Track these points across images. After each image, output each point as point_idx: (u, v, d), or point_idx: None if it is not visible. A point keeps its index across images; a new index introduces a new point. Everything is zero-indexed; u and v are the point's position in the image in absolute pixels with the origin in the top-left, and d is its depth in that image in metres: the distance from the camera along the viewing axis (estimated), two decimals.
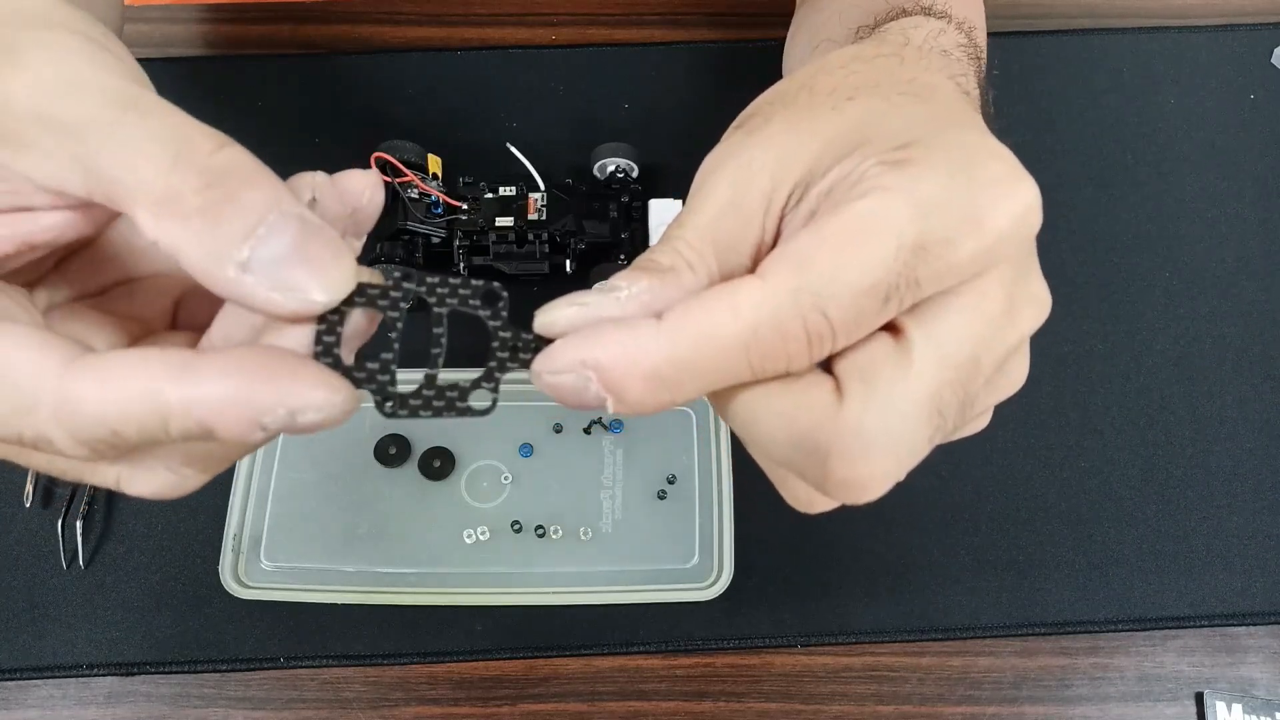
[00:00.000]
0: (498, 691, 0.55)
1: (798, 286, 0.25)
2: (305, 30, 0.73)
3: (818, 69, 0.32)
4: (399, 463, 0.59)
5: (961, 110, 0.29)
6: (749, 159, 0.28)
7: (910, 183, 0.25)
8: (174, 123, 0.24)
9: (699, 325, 0.25)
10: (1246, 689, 0.55)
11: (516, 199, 0.62)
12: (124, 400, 0.23)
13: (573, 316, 0.26)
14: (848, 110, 0.28)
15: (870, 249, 0.25)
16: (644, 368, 0.25)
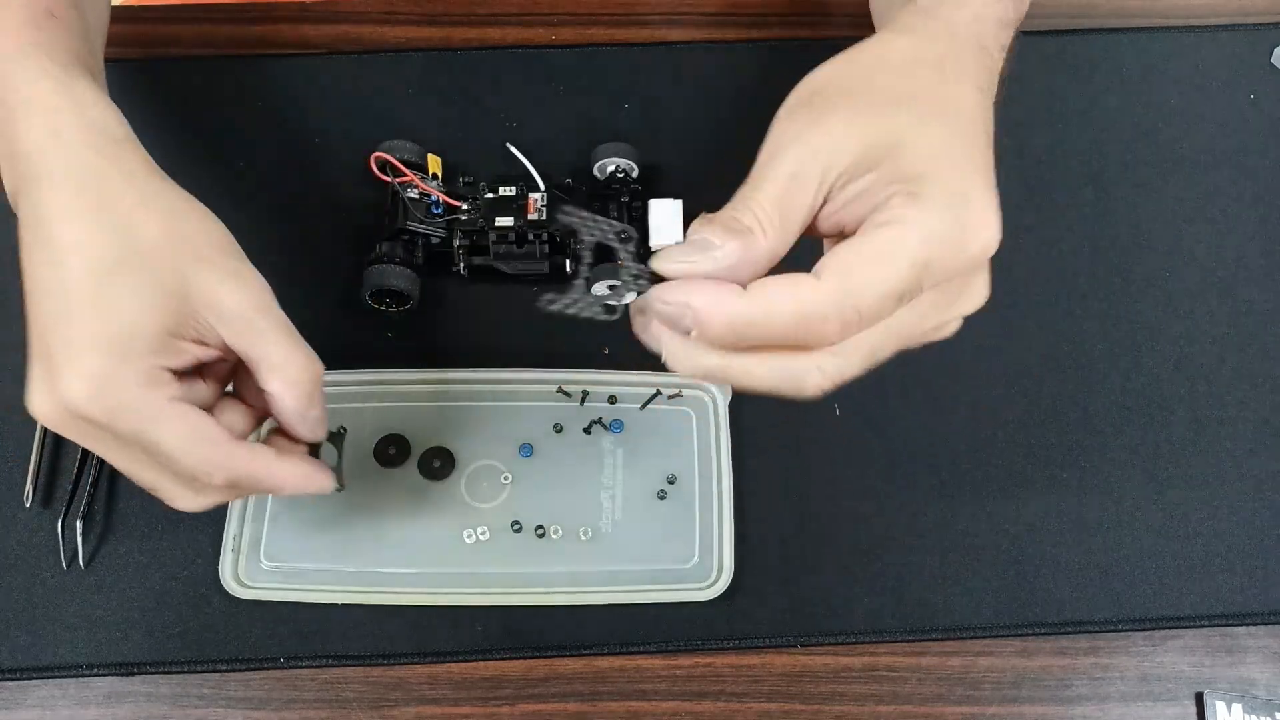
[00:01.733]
0: (498, 691, 0.55)
1: (841, 288, 0.35)
2: (305, 30, 0.73)
3: (880, 60, 0.41)
4: (399, 463, 0.59)
5: (973, 137, 0.40)
6: (814, 146, 0.38)
7: (921, 215, 0.36)
8: (296, 339, 0.45)
9: (771, 300, 0.35)
10: (1246, 689, 0.55)
11: (516, 199, 0.62)
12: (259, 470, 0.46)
13: (683, 268, 0.37)
14: (891, 121, 0.38)
15: (892, 268, 0.36)
16: (727, 316, 0.36)
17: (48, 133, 0.44)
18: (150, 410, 0.41)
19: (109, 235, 0.42)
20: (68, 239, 0.42)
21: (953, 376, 0.62)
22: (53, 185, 0.43)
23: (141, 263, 0.42)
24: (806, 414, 0.61)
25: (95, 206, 0.42)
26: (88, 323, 0.41)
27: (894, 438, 0.61)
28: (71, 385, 0.40)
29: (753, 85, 0.71)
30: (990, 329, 0.64)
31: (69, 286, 0.41)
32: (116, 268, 0.41)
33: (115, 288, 0.41)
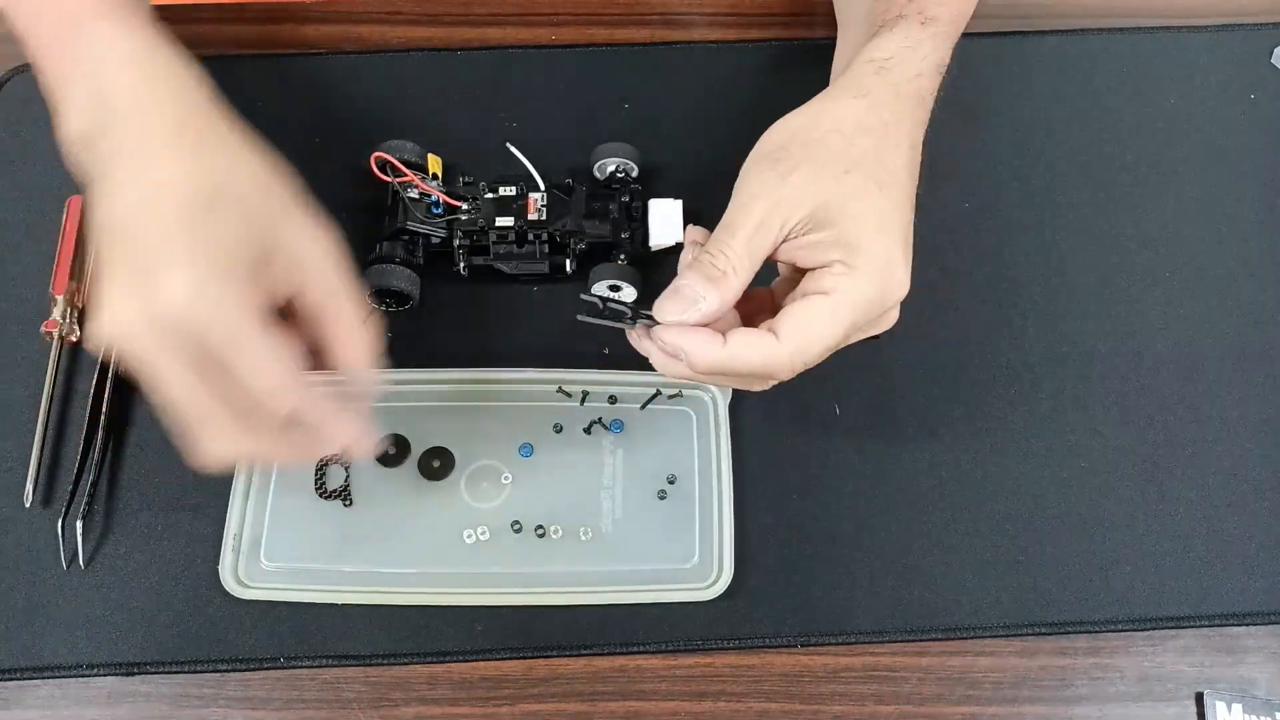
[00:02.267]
0: (498, 691, 0.55)
1: (793, 347, 0.47)
2: (305, 30, 0.73)
3: (836, 124, 0.50)
4: (399, 463, 0.59)
5: (901, 203, 0.49)
6: (777, 200, 0.48)
7: (854, 286, 0.47)
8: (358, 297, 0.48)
9: (741, 353, 0.47)
10: (1246, 689, 0.55)
11: (516, 199, 0.62)
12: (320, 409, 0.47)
13: (678, 319, 0.47)
14: (839, 187, 0.48)
15: (831, 330, 0.47)
16: (710, 360, 0.47)
17: (143, 79, 0.48)
18: (244, 324, 0.43)
19: (208, 173, 0.46)
20: (171, 171, 0.45)
21: (953, 376, 0.62)
22: (150, 125, 0.47)
23: (237, 201, 0.45)
24: (806, 414, 0.61)
25: (194, 147, 0.46)
26: (191, 242, 0.44)
27: (894, 438, 0.61)
28: (174, 289, 0.42)
29: (753, 85, 0.71)
30: (990, 329, 0.64)
31: (171, 213, 0.44)
32: (215, 201, 0.45)
33: (216, 217, 0.44)
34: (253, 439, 0.46)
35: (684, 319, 0.47)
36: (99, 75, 0.48)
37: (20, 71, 0.71)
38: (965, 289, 0.65)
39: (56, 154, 0.68)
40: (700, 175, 0.65)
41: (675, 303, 0.47)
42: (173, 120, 0.47)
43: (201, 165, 0.46)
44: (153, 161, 0.46)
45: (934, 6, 0.57)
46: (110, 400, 0.59)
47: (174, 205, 0.44)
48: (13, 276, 0.64)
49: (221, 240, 0.44)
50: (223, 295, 0.43)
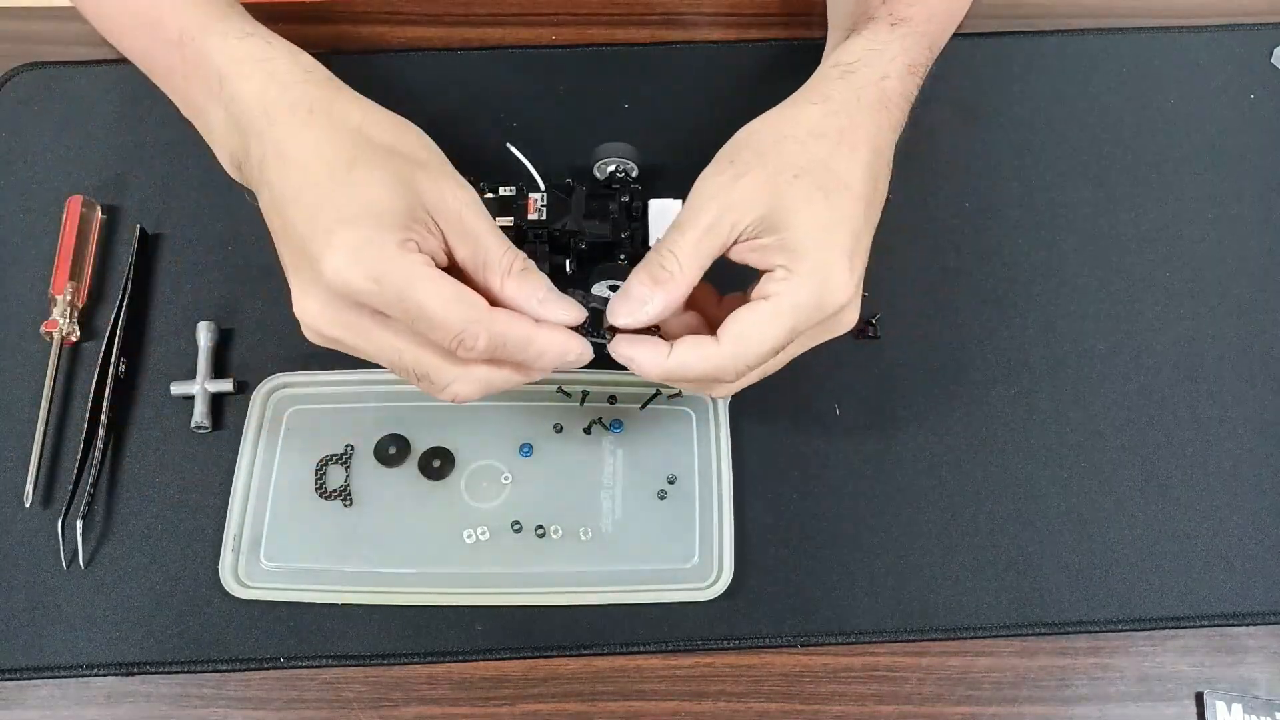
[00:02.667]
0: (498, 691, 0.55)
1: (733, 351, 0.48)
2: (305, 30, 0.73)
3: (793, 128, 0.51)
4: (399, 463, 0.59)
5: (849, 211, 0.49)
6: (729, 202, 0.49)
7: (792, 291, 0.48)
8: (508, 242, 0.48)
9: (685, 360, 0.48)
10: (1246, 689, 0.55)
11: (516, 199, 0.62)
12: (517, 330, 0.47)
13: (627, 322, 0.49)
14: (788, 193, 0.49)
15: (769, 333, 0.48)
16: (658, 369, 0.49)
17: (266, 77, 0.50)
18: (411, 271, 0.44)
19: (345, 139, 0.47)
20: (308, 148, 0.47)
21: (953, 376, 0.62)
22: (281, 118, 0.48)
23: (377, 159, 0.47)
24: (806, 414, 0.61)
25: (328, 121, 0.48)
26: (339, 207, 0.45)
27: (894, 438, 0.61)
28: (334, 261, 0.44)
29: (753, 85, 0.71)
30: (991, 329, 0.64)
31: (315, 185, 0.46)
32: (356, 162, 0.46)
33: (358, 175, 0.46)
34: (474, 374, 0.48)
35: (633, 321, 0.48)
36: (231, 92, 0.50)
37: (20, 71, 0.71)
38: (965, 289, 0.65)
39: (56, 154, 0.68)
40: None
41: (624, 304, 0.48)
42: (305, 104, 0.49)
43: (338, 131, 0.47)
44: (294, 143, 0.47)
45: (905, 7, 0.57)
46: (110, 400, 0.59)
47: (319, 174, 0.46)
48: (13, 276, 0.64)
49: (371, 192, 0.45)
50: (383, 248, 0.44)
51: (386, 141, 0.48)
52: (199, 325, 0.62)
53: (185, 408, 0.60)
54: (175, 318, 0.63)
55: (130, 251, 0.64)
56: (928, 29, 0.58)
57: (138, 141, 0.68)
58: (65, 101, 0.70)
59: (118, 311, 0.62)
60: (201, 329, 0.62)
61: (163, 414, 0.61)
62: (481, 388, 0.49)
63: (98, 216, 0.65)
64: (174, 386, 0.61)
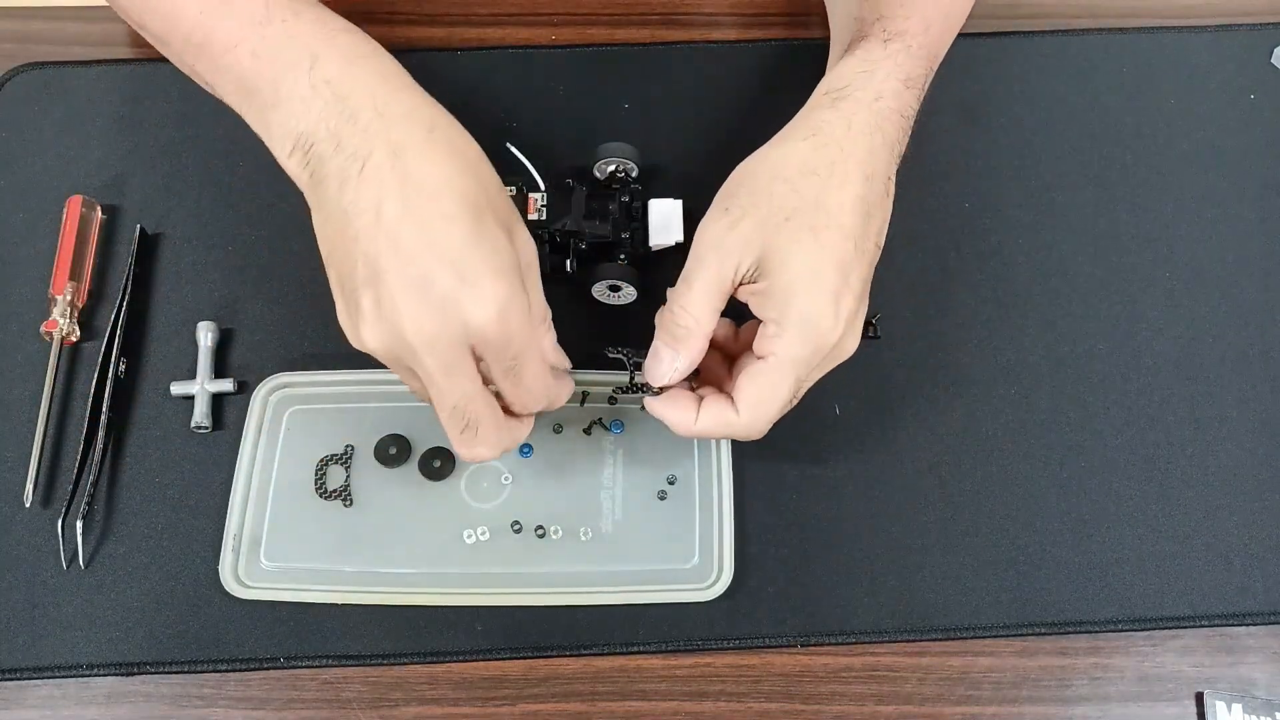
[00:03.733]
0: (498, 691, 0.55)
1: (750, 416, 0.51)
2: None
3: (782, 166, 0.52)
4: (399, 463, 0.59)
5: (838, 250, 0.50)
6: (728, 249, 0.50)
7: (787, 349, 0.50)
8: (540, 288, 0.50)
9: (709, 426, 0.52)
10: (1246, 689, 0.55)
11: (516, 199, 0.62)
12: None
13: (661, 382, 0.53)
14: (778, 237, 0.50)
15: (780, 395, 0.51)
16: (685, 429, 0.53)
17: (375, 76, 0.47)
18: (532, 338, 0.47)
19: (470, 177, 0.46)
20: (437, 178, 0.45)
21: (953, 376, 0.62)
22: (398, 124, 0.46)
23: (493, 205, 0.46)
24: (806, 414, 0.61)
25: (449, 149, 0.46)
26: (484, 255, 0.44)
27: (894, 438, 0.61)
28: (483, 309, 0.44)
29: (753, 85, 0.71)
30: (990, 329, 0.64)
31: (455, 224, 0.44)
32: (484, 208, 0.46)
33: (489, 222, 0.46)
34: (511, 434, 0.51)
35: (669, 381, 0.52)
36: (313, 77, 0.47)
37: (20, 71, 0.71)
38: (965, 289, 0.65)
39: (56, 154, 0.68)
40: (700, 175, 0.65)
41: (656, 368, 0.52)
42: (419, 123, 0.46)
43: (459, 165, 0.46)
44: (418, 165, 0.45)
45: (900, 20, 0.57)
46: (110, 400, 0.59)
47: (455, 215, 0.44)
48: (13, 276, 0.64)
49: (501, 249, 0.45)
50: (520, 309, 0.46)
51: (493, 186, 0.48)
52: (199, 325, 0.62)
53: (185, 408, 0.60)
54: (175, 318, 0.63)
55: (130, 251, 0.64)
56: (925, 40, 0.57)
57: (138, 141, 0.68)
58: (65, 101, 0.70)
59: (118, 311, 0.62)
60: (201, 329, 0.62)
61: (163, 414, 0.61)
62: (503, 449, 0.51)
63: (98, 216, 0.65)
64: (174, 386, 0.61)
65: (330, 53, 0.47)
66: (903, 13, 0.57)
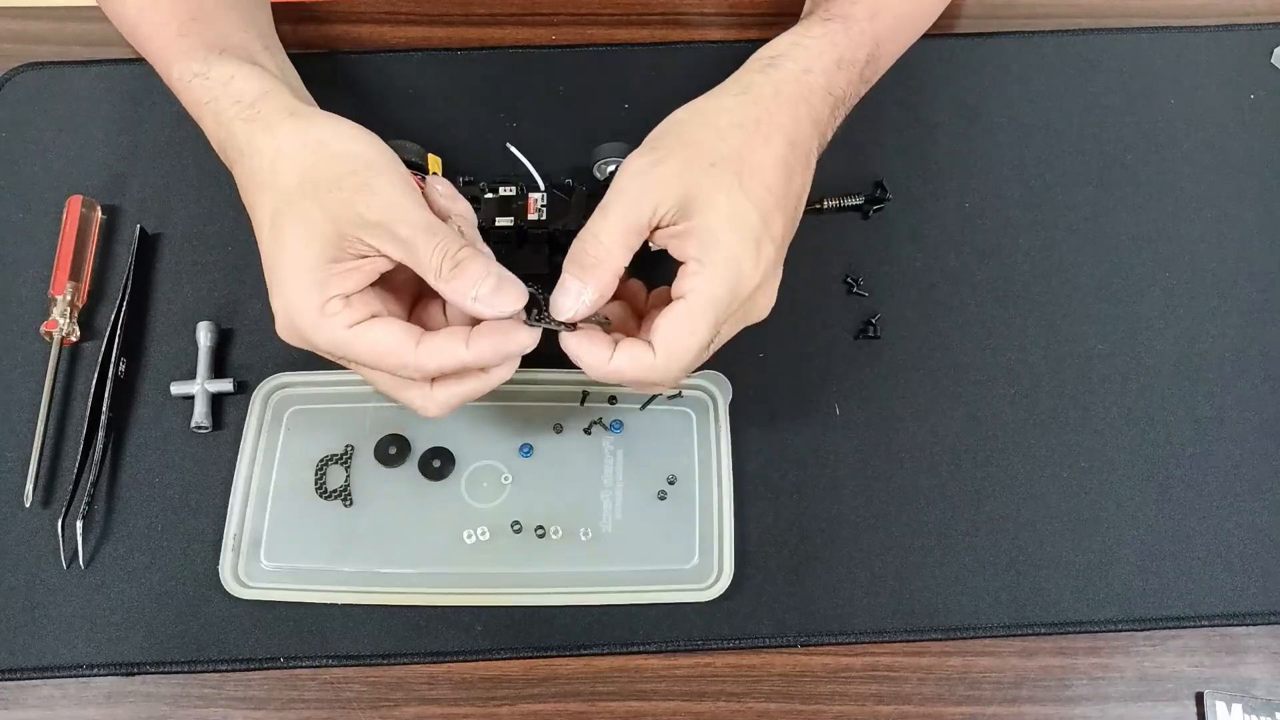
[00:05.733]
0: (498, 691, 0.55)
1: (666, 359, 0.49)
2: (305, 30, 0.73)
3: (715, 117, 0.53)
4: (399, 463, 0.59)
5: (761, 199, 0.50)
6: (648, 186, 0.50)
7: (706, 287, 0.49)
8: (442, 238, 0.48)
9: (624, 368, 0.50)
10: (1246, 689, 0.55)
11: (516, 199, 0.62)
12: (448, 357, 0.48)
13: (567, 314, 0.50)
14: (703, 181, 0.50)
15: (696, 335, 0.49)
16: (599, 371, 0.50)
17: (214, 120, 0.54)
18: (329, 335, 0.48)
19: (264, 192, 0.50)
20: (245, 194, 0.52)
21: (953, 376, 0.62)
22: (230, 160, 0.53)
23: (289, 209, 0.49)
24: (806, 414, 0.61)
25: (250, 170, 0.51)
26: (270, 269, 0.49)
27: (894, 438, 0.61)
28: (276, 321, 0.50)
29: None
30: (991, 329, 0.64)
31: (256, 228, 0.51)
32: (276, 218, 0.49)
33: (279, 236, 0.49)
34: (438, 395, 0.50)
35: (574, 313, 0.50)
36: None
37: (20, 71, 0.71)
38: (965, 289, 0.65)
39: (56, 154, 0.68)
40: None
41: (563, 298, 0.50)
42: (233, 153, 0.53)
43: (259, 186, 0.51)
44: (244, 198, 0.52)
45: (845, 5, 0.58)
46: (110, 400, 0.59)
47: (255, 222, 0.51)
48: (13, 276, 0.64)
49: (290, 253, 0.48)
50: (303, 320, 0.48)
51: (296, 179, 0.49)
52: (199, 325, 0.62)
53: (185, 408, 0.60)
54: (175, 318, 0.63)
55: (130, 251, 0.64)
56: (870, 26, 0.58)
57: (138, 141, 0.68)
58: (65, 101, 0.70)
59: (118, 311, 0.62)
60: (201, 329, 0.62)
61: (163, 414, 0.61)
62: (445, 408, 0.51)
63: (98, 216, 0.65)
64: (174, 386, 0.61)
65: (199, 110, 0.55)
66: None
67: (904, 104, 0.70)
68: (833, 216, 0.66)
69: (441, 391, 0.50)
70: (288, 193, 0.49)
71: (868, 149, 0.68)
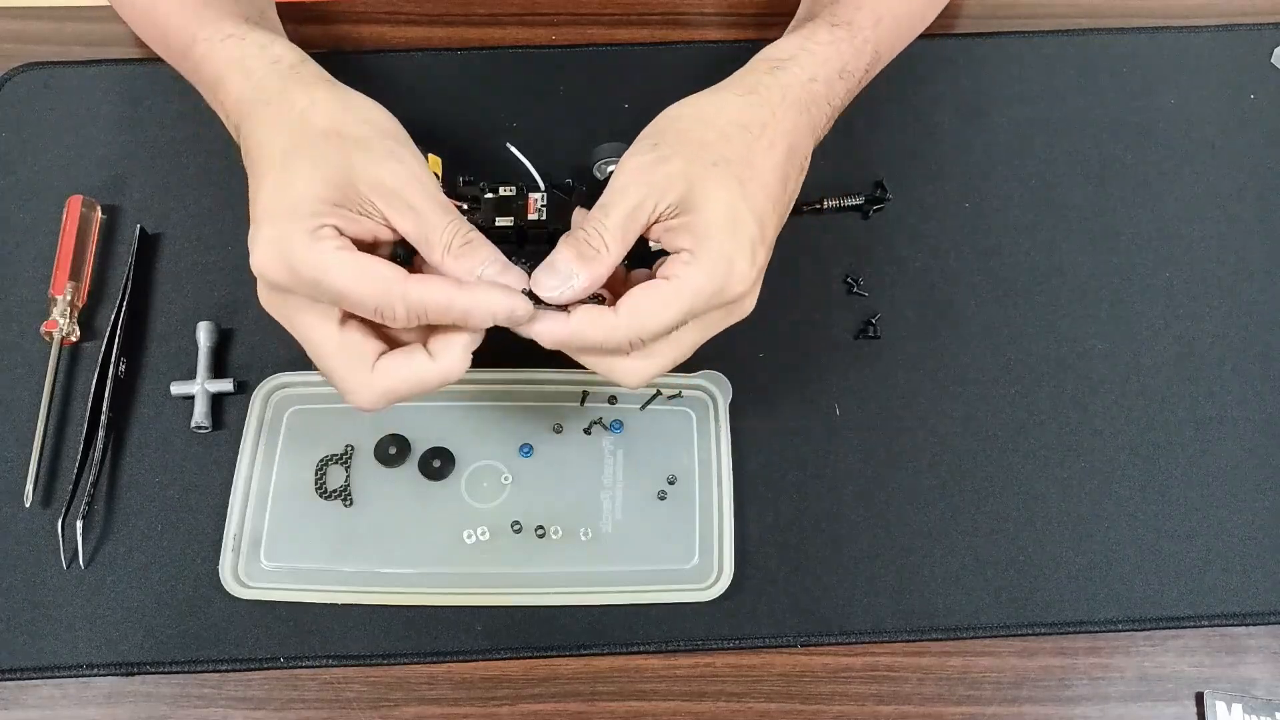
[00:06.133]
0: (498, 691, 0.55)
1: (630, 323, 0.48)
2: (305, 30, 0.73)
3: (716, 117, 0.52)
4: (399, 463, 0.59)
5: (760, 204, 0.50)
6: (652, 183, 0.49)
7: (693, 276, 0.48)
8: (456, 218, 0.49)
9: (584, 328, 0.49)
10: (1246, 689, 0.55)
11: (516, 199, 0.62)
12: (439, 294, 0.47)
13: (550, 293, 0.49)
14: (705, 180, 0.49)
15: (666, 312, 0.48)
16: (555, 334, 0.49)
17: (243, 78, 0.53)
18: (318, 257, 0.46)
19: (285, 131, 0.50)
20: (259, 139, 0.51)
21: (953, 377, 0.62)
22: (252, 110, 0.52)
23: (309, 148, 0.49)
24: (806, 414, 0.61)
25: (275, 113, 0.51)
26: (268, 200, 0.48)
27: (894, 438, 0.61)
28: (257, 256, 0.47)
29: None
30: (991, 329, 0.64)
31: (259, 176, 0.49)
32: (289, 154, 0.49)
33: (288, 169, 0.48)
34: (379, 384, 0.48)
35: (558, 296, 0.49)
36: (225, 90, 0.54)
37: (20, 71, 0.71)
38: (965, 289, 0.65)
39: (56, 154, 0.68)
40: None
41: (550, 277, 0.49)
42: (264, 97, 0.52)
43: (281, 123, 0.50)
44: (253, 134, 0.51)
45: (850, 11, 0.58)
46: (110, 400, 0.59)
47: (262, 166, 0.49)
48: (13, 276, 0.64)
49: (294, 184, 0.48)
50: (293, 239, 0.46)
51: (325, 125, 0.49)
52: (199, 325, 0.62)
53: (185, 408, 0.60)
54: (175, 318, 0.63)
55: (130, 251, 0.64)
56: (873, 35, 0.58)
57: (138, 141, 0.68)
58: (65, 101, 0.70)
59: (118, 311, 0.62)
60: (201, 329, 0.62)
61: (163, 414, 0.61)
62: (382, 398, 0.49)
63: (97, 216, 0.65)
64: (174, 386, 0.61)
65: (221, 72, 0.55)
66: (854, 3, 0.59)
67: (904, 104, 0.70)
68: (833, 216, 0.66)
69: (383, 378, 0.48)
70: (310, 134, 0.49)
71: (868, 149, 0.68)
